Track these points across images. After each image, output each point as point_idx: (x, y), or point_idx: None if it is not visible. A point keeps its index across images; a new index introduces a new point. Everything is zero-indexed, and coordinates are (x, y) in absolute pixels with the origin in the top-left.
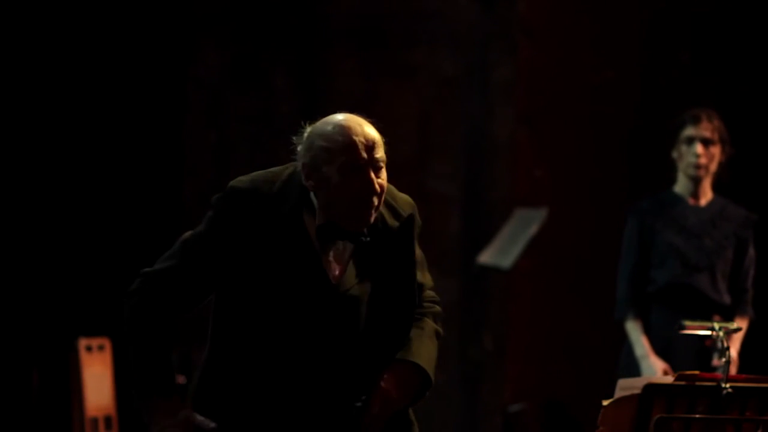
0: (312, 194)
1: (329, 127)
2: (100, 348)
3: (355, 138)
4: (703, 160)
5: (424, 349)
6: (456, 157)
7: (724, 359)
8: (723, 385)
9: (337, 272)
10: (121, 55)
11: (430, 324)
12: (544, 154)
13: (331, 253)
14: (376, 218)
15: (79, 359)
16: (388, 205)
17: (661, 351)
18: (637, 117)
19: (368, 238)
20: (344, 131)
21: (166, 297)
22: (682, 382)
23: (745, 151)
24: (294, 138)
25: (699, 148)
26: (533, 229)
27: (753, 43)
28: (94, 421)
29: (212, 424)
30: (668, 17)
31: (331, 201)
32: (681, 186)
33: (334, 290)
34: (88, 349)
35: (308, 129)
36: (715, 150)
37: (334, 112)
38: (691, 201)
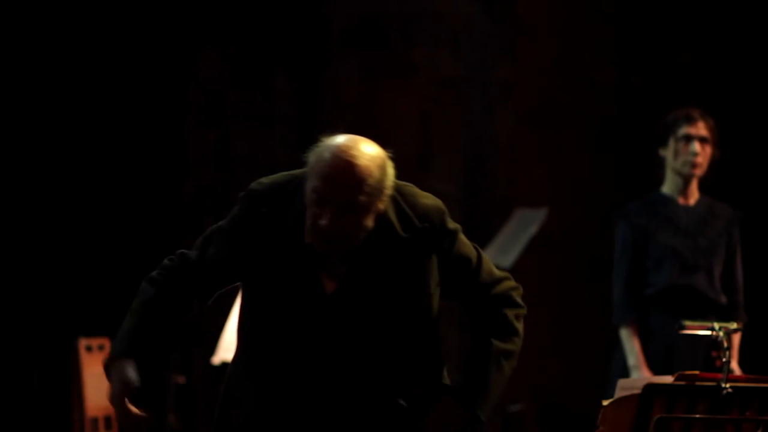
0: None
1: (326, 148)
2: (100, 348)
3: (332, 170)
4: (700, 159)
5: (479, 381)
6: (456, 157)
7: (724, 359)
8: (723, 385)
9: (333, 283)
10: (121, 56)
11: (496, 347)
12: (544, 154)
13: (329, 265)
14: (385, 230)
15: (79, 359)
16: (402, 216)
17: (663, 356)
18: (637, 117)
19: (352, 261)
20: (330, 159)
21: (180, 280)
22: (682, 382)
23: (744, 151)
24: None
25: (697, 146)
26: (533, 229)
27: (752, 43)
28: (94, 421)
29: (144, 415)
30: (668, 17)
31: (307, 218)
32: (670, 186)
33: (329, 301)
34: (88, 349)
35: (324, 140)
36: (709, 149)
37: (334, 112)
38: (680, 200)
